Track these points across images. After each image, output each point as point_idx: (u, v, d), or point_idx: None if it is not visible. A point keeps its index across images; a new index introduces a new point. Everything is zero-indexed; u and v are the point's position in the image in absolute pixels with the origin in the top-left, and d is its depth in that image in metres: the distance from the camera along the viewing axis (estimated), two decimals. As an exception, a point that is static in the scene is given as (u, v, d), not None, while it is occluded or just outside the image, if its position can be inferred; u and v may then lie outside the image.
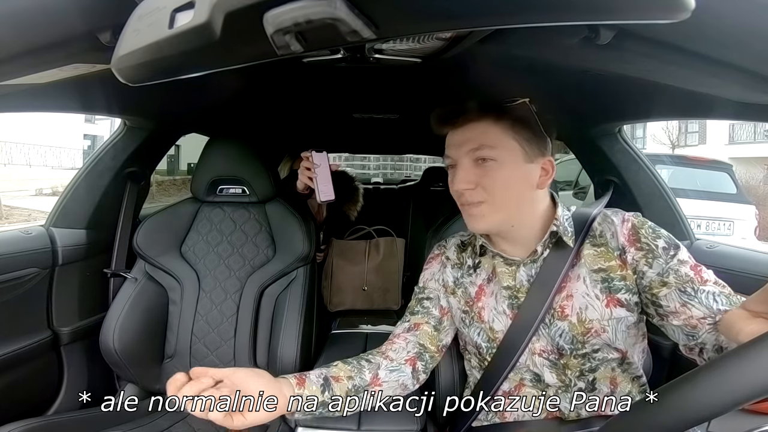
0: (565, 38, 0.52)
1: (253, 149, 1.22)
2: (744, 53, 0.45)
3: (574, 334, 0.70)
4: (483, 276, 0.79)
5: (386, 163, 10.68)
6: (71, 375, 1.14)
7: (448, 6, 0.28)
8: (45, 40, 0.49)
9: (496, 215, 0.70)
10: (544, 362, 0.73)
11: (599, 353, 0.70)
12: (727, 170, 4.76)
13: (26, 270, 1.03)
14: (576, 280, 0.71)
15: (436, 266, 0.85)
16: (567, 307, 0.70)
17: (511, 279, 0.75)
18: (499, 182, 0.68)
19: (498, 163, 0.68)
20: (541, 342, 0.72)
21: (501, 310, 0.75)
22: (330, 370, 0.71)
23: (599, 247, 0.71)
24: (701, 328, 0.61)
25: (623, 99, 0.95)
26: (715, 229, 4.31)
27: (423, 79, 1.01)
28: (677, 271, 0.65)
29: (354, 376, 0.71)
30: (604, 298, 0.69)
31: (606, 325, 0.68)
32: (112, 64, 0.37)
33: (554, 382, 0.72)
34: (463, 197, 0.71)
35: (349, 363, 0.74)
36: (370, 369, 0.73)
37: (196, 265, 1.20)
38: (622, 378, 0.73)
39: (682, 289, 0.63)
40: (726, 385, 0.34)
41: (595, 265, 0.70)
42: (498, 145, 0.68)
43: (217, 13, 0.29)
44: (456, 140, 0.72)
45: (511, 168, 0.69)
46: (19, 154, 12.13)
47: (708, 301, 0.61)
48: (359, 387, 0.71)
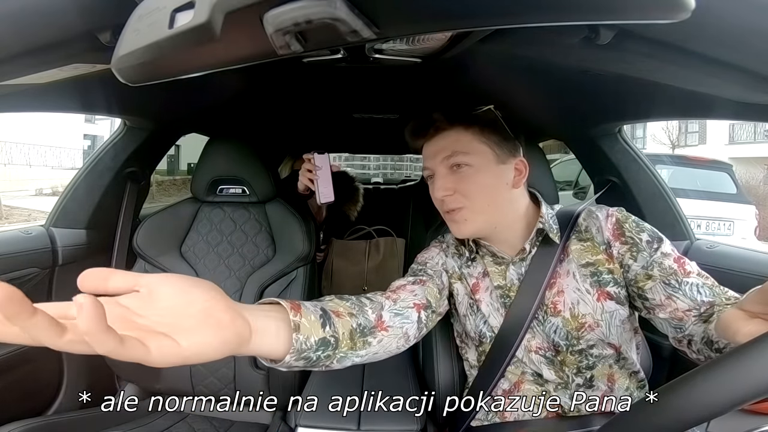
0: (565, 38, 0.52)
1: (253, 149, 1.22)
2: (744, 53, 0.45)
3: (569, 329, 0.71)
4: (479, 269, 0.80)
5: (386, 163, 10.69)
6: (71, 375, 1.13)
7: (449, 6, 0.28)
8: (45, 40, 0.49)
9: (477, 218, 0.73)
10: (541, 359, 0.73)
11: (594, 349, 0.71)
12: (727, 170, 4.76)
13: (26, 270, 1.03)
14: (566, 275, 0.73)
15: (436, 251, 0.85)
16: (559, 303, 0.72)
17: (502, 278, 0.77)
18: (476, 186, 0.72)
19: (473, 168, 0.72)
20: (536, 339, 0.73)
21: (495, 307, 0.77)
22: (325, 303, 0.58)
23: (585, 242, 0.74)
24: (687, 320, 0.63)
25: (623, 99, 0.95)
26: (715, 229, 4.31)
27: (423, 79, 1.01)
28: (661, 263, 0.66)
29: (356, 314, 0.60)
30: (595, 292, 0.71)
31: (599, 319, 0.70)
32: (112, 64, 0.37)
33: (553, 379, 0.73)
34: (444, 204, 0.73)
35: (346, 299, 0.62)
36: (372, 308, 0.63)
37: (196, 265, 1.20)
38: (620, 374, 0.74)
39: (666, 281, 0.65)
40: (725, 386, 0.34)
41: (583, 260, 0.72)
42: (471, 151, 0.72)
43: (217, 13, 0.29)
44: (430, 151, 0.75)
45: (485, 171, 0.72)
46: (19, 154, 12.13)
47: (692, 293, 0.63)
48: (364, 327, 0.59)
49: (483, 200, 0.72)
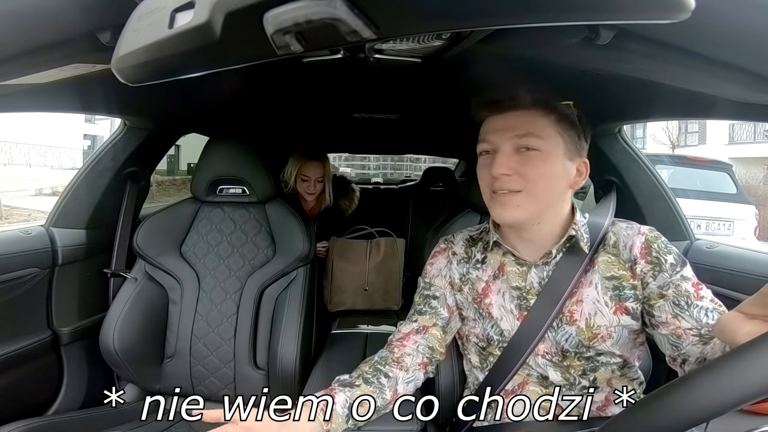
0: (565, 38, 0.52)
1: (253, 149, 1.22)
2: (744, 53, 0.45)
3: (581, 339, 0.70)
4: (489, 272, 0.78)
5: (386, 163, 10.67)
6: (71, 375, 1.14)
7: (448, 6, 0.28)
8: (45, 40, 0.49)
9: (530, 207, 0.69)
10: (547, 363, 0.73)
11: (602, 357, 0.71)
12: (727, 170, 4.77)
13: (26, 270, 1.03)
14: (588, 285, 0.72)
15: (443, 261, 0.83)
16: (576, 312, 0.71)
17: (521, 280, 0.75)
18: (540, 172, 0.68)
19: (542, 154, 0.68)
20: (545, 344, 0.73)
21: (509, 309, 0.75)
22: (354, 393, 0.69)
23: (612, 256, 0.72)
24: (686, 338, 0.63)
25: (623, 99, 0.95)
26: (715, 229, 4.31)
27: (423, 79, 1.01)
28: (678, 285, 0.66)
29: (376, 398, 0.69)
30: (613, 305, 0.70)
31: (613, 331, 0.70)
32: (112, 64, 0.37)
33: (559, 380, 0.72)
34: (499, 183, 0.69)
35: (370, 382, 0.71)
36: (389, 386, 0.72)
37: (196, 265, 1.20)
38: (621, 380, 0.73)
39: (676, 302, 0.66)
40: (725, 386, 0.34)
41: (609, 273, 0.71)
42: (545, 137, 0.68)
43: (217, 13, 0.29)
44: (499, 125, 0.70)
45: (552, 161, 0.69)
46: (19, 154, 12.13)
47: (699, 315, 0.64)
48: (380, 408, 0.70)
49: (542, 189, 0.69)
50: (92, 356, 1.15)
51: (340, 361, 1.15)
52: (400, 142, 2.38)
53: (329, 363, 1.13)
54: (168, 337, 1.17)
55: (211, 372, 1.14)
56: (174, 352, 1.16)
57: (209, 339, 1.15)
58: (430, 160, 4.48)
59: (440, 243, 0.87)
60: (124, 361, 1.08)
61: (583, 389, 0.72)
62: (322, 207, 1.85)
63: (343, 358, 1.16)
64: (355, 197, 2.05)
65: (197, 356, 1.14)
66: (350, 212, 2.02)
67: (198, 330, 1.15)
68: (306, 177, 1.75)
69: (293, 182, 1.76)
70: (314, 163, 1.75)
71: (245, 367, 1.13)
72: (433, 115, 1.56)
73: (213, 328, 1.15)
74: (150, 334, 1.14)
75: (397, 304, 1.81)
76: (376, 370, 0.73)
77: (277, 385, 1.10)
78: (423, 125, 1.77)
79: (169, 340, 1.17)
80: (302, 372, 1.09)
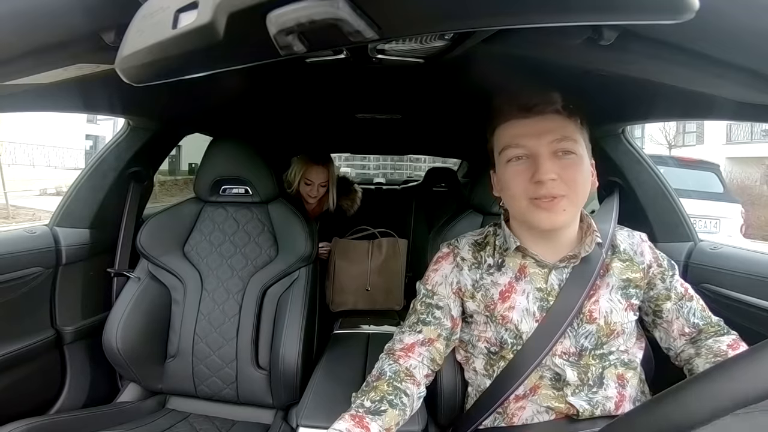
0: (568, 39, 0.52)
1: (256, 149, 1.23)
2: (749, 54, 0.45)
3: (600, 335, 0.73)
4: (510, 275, 0.76)
5: (386, 163, 10.67)
6: (74, 374, 1.14)
7: (451, 6, 0.28)
8: (49, 40, 0.49)
9: (573, 210, 0.70)
10: (564, 363, 0.73)
11: (613, 354, 0.74)
12: (714, 170, 4.91)
13: (30, 269, 1.03)
14: (605, 287, 0.76)
15: (448, 268, 0.81)
16: (595, 311, 0.74)
17: (543, 281, 0.75)
18: (579, 176, 0.69)
19: (578, 158, 0.69)
20: (564, 344, 0.73)
21: (531, 311, 0.74)
22: (385, 421, 0.67)
23: (625, 261, 0.78)
24: (679, 341, 0.78)
25: (627, 100, 0.94)
26: (701, 226, 4.40)
27: (426, 80, 1.01)
28: (676, 288, 0.79)
29: (400, 420, 0.70)
30: (625, 303, 0.75)
31: (625, 327, 0.75)
32: (115, 64, 0.37)
33: (574, 380, 0.72)
34: (545, 189, 0.67)
35: (395, 404, 0.69)
36: (409, 405, 0.72)
37: (199, 264, 1.20)
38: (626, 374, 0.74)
39: (678, 305, 0.78)
40: (727, 389, 0.34)
41: (623, 276, 0.77)
42: (577, 140, 0.70)
43: (220, 14, 0.29)
44: (532, 130, 0.69)
45: (585, 164, 0.70)
46: (23, 155, 12.20)
47: (689, 316, 0.78)
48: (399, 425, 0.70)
49: (582, 192, 0.70)
50: (95, 355, 1.16)
51: (341, 361, 1.15)
52: (403, 143, 2.38)
53: (331, 363, 1.13)
54: (170, 336, 1.17)
55: (213, 372, 1.14)
56: (176, 351, 1.16)
57: (211, 339, 1.15)
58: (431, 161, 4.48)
59: (443, 248, 0.84)
60: (127, 361, 1.08)
61: (590, 388, 0.72)
62: (323, 209, 1.85)
63: (345, 359, 1.16)
64: (358, 198, 2.06)
65: (199, 356, 1.15)
66: (352, 212, 2.02)
67: (200, 330, 1.16)
68: (309, 181, 1.75)
69: (296, 185, 1.76)
70: (318, 167, 1.75)
71: (247, 366, 1.13)
72: (436, 116, 1.56)
73: (215, 328, 1.16)
74: (152, 334, 1.15)
75: (399, 304, 1.81)
76: (396, 388, 0.70)
77: (278, 384, 1.10)
78: (426, 126, 1.77)
79: (172, 339, 1.17)
80: (304, 372, 1.09)
